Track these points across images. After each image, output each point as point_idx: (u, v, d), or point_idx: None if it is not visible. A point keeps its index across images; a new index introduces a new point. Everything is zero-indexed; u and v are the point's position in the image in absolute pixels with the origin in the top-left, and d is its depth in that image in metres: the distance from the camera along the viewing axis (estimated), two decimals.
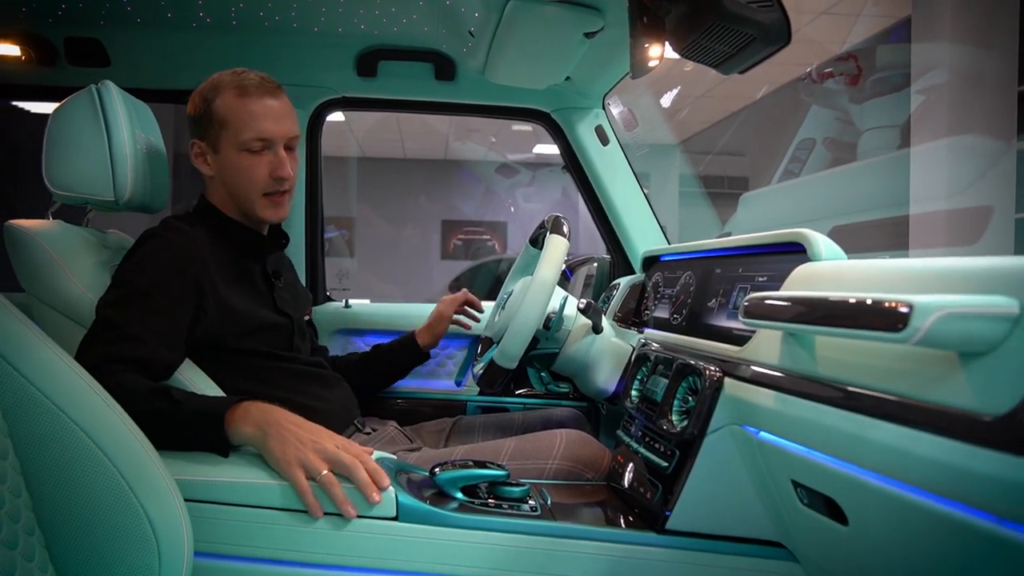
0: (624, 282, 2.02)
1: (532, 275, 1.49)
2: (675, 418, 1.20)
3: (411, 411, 2.08)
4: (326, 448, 1.11)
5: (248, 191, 1.48)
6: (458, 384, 2.25)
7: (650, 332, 1.64)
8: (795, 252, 1.15)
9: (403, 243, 10.56)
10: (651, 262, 1.96)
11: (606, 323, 1.67)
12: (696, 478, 1.14)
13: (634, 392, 1.44)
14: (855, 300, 0.72)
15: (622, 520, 1.23)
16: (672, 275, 1.70)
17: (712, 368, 1.14)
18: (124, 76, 1.75)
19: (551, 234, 1.53)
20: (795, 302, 0.83)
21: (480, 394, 2.19)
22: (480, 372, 1.61)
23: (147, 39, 2.07)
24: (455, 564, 1.12)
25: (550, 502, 1.28)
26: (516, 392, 2.20)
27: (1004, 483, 0.61)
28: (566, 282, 2.65)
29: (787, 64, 5.47)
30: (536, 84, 2.06)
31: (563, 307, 1.63)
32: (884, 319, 0.66)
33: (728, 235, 1.51)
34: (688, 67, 6.12)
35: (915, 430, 0.70)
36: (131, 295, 1.29)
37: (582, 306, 1.62)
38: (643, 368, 1.44)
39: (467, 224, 10.86)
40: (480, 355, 1.81)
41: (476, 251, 10.63)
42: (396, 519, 1.12)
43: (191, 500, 1.01)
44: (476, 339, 2.23)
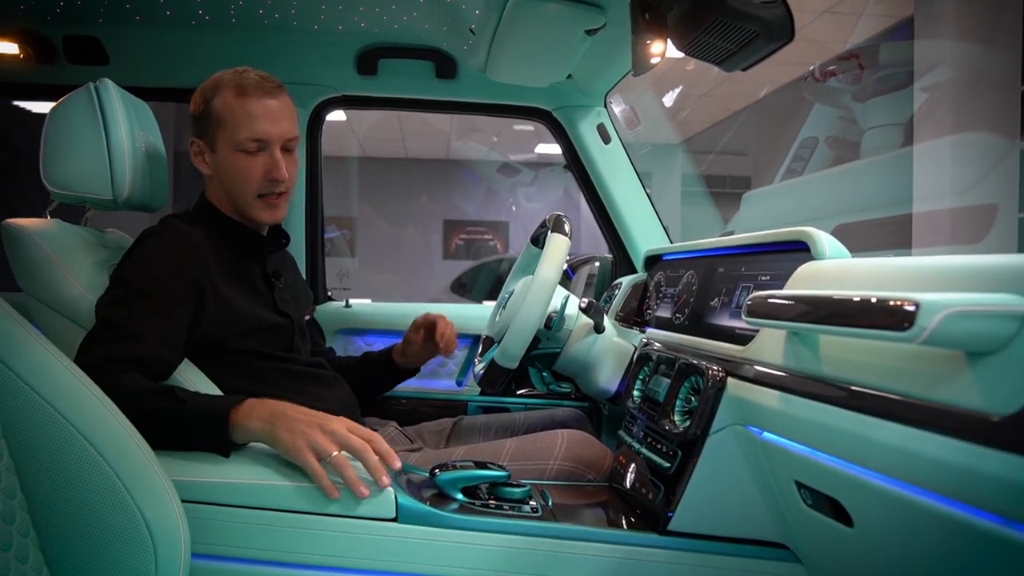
0: (626, 281, 2.02)
1: (533, 274, 1.48)
2: (677, 418, 1.20)
3: (412, 411, 2.07)
4: (336, 430, 1.10)
5: (243, 192, 1.47)
6: (459, 384, 2.24)
7: (652, 332, 1.63)
8: (798, 251, 1.14)
9: (405, 243, 10.56)
10: (653, 261, 1.96)
11: (608, 323, 1.66)
12: (699, 479, 1.13)
13: (636, 392, 1.43)
14: (859, 299, 0.71)
15: (624, 521, 1.22)
16: (674, 274, 1.70)
17: (715, 368, 1.13)
18: (123, 74, 1.74)
19: (552, 233, 1.52)
20: (799, 301, 0.82)
21: (481, 394, 2.18)
22: (481, 372, 1.60)
23: (146, 37, 2.07)
24: (455, 566, 1.11)
25: (551, 503, 1.27)
26: (517, 392, 2.19)
27: (1011, 484, 0.60)
28: (568, 281, 2.64)
29: (789, 63, 5.46)
30: (537, 82, 2.05)
31: (564, 306, 1.62)
32: (890, 318, 0.65)
33: (731, 234, 1.50)
34: (690, 66, 6.12)
35: (921, 430, 0.69)
36: (130, 295, 1.28)
37: (584, 305, 1.61)
38: (645, 368, 1.44)
39: (469, 224, 10.86)
40: (481, 355, 1.80)
41: (478, 251, 10.62)
42: (396, 520, 1.11)
43: (188, 501, 1.00)
44: (477, 339, 2.23)
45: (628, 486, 1.31)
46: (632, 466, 1.33)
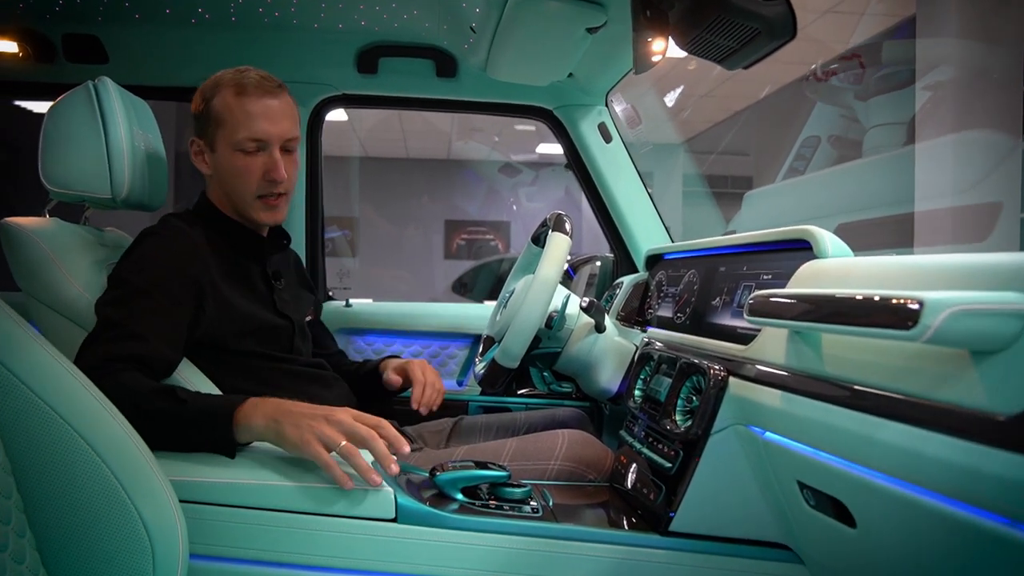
0: (627, 281, 2.01)
1: (534, 273, 1.48)
2: (679, 418, 1.19)
3: (412, 411, 2.07)
4: (342, 420, 1.10)
5: (242, 192, 1.46)
6: (460, 384, 2.24)
7: (653, 331, 1.63)
8: (800, 249, 1.14)
9: (406, 243, 10.56)
10: (654, 260, 1.95)
11: (609, 322, 1.65)
12: (700, 479, 1.12)
13: (637, 392, 1.43)
14: (862, 297, 0.70)
15: (625, 522, 1.22)
16: (676, 274, 1.69)
17: (716, 367, 1.12)
18: (123, 73, 1.74)
19: (553, 232, 1.51)
20: (801, 300, 0.82)
21: (482, 394, 2.17)
22: (482, 372, 1.59)
23: (146, 36, 2.07)
24: (455, 566, 1.11)
25: (552, 503, 1.26)
26: (518, 392, 2.19)
27: (1016, 484, 0.60)
28: (569, 281, 2.63)
29: (790, 63, 5.46)
30: (538, 81, 2.05)
31: (565, 306, 1.61)
32: (893, 316, 0.65)
33: (733, 233, 1.50)
34: (691, 66, 6.11)
35: (925, 430, 0.69)
36: (130, 294, 1.28)
37: (585, 305, 1.60)
38: (646, 367, 1.43)
39: (470, 224, 10.86)
40: (482, 354, 1.80)
41: (479, 251, 10.62)
42: (395, 520, 1.11)
43: (186, 501, 1.00)
44: (478, 338, 2.22)
45: (629, 486, 1.31)
46: (633, 466, 1.32)
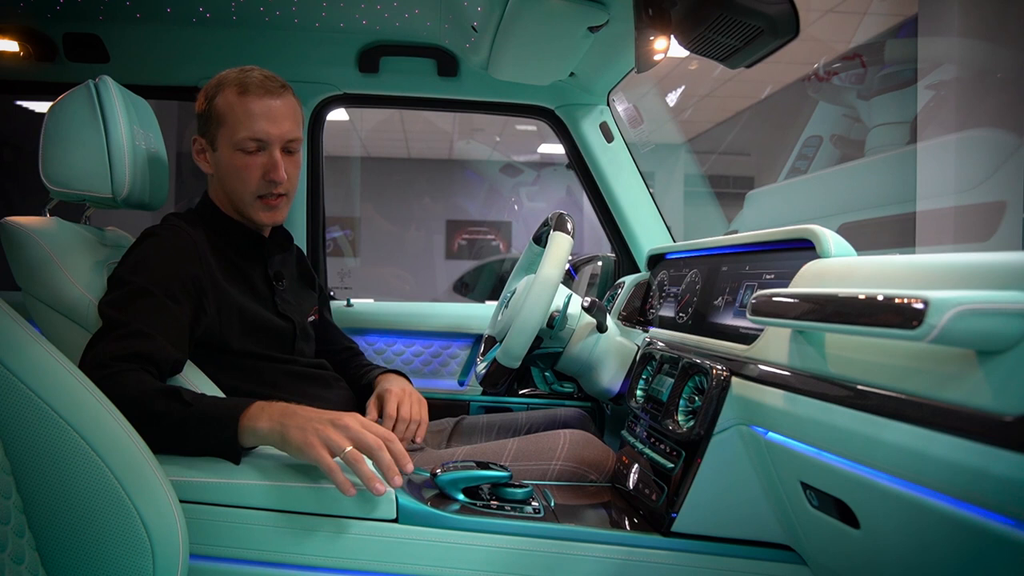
0: (629, 281, 2.01)
1: (536, 273, 1.47)
2: (681, 418, 1.19)
3: None
4: (349, 425, 1.08)
5: (241, 192, 1.46)
6: (461, 384, 2.23)
7: (655, 331, 1.62)
8: (803, 249, 1.13)
9: (407, 243, 10.56)
10: (656, 260, 1.95)
11: (611, 322, 1.65)
12: (702, 480, 1.12)
13: (639, 392, 1.42)
14: (866, 297, 0.70)
15: (627, 522, 1.21)
16: (678, 273, 1.68)
17: (719, 367, 1.12)
18: (123, 72, 1.74)
19: (555, 231, 1.51)
20: (804, 299, 0.81)
21: (483, 394, 2.17)
22: (483, 372, 1.59)
23: (147, 35, 2.06)
24: (456, 567, 1.10)
25: (553, 504, 1.26)
26: (519, 392, 2.19)
27: (1022, 485, 0.59)
28: (571, 281, 2.63)
29: (792, 63, 5.45)
30: (540, 80, 2.04)
31: (567, 305, 1.61)
32: (898, 316, 0.64)
33: (735, 233, 1.49)
34: (693, 66, 6.10)
35: (930, 430, 0.68)
36: (132, 294, 1.27)
37: (586, 304, 1.60)
38: (648, 367, 1.43)
39: (471, 224, 10.85)
40: (483, 354, 1.79)
41: (480, 251, 10.62)
42: (396, 521, 1.10)
43: (187, 501, 1.00)
44: (479, 338, 2.22)
45: (631, 487, 1.30)
46: (635, 466, 1.32)
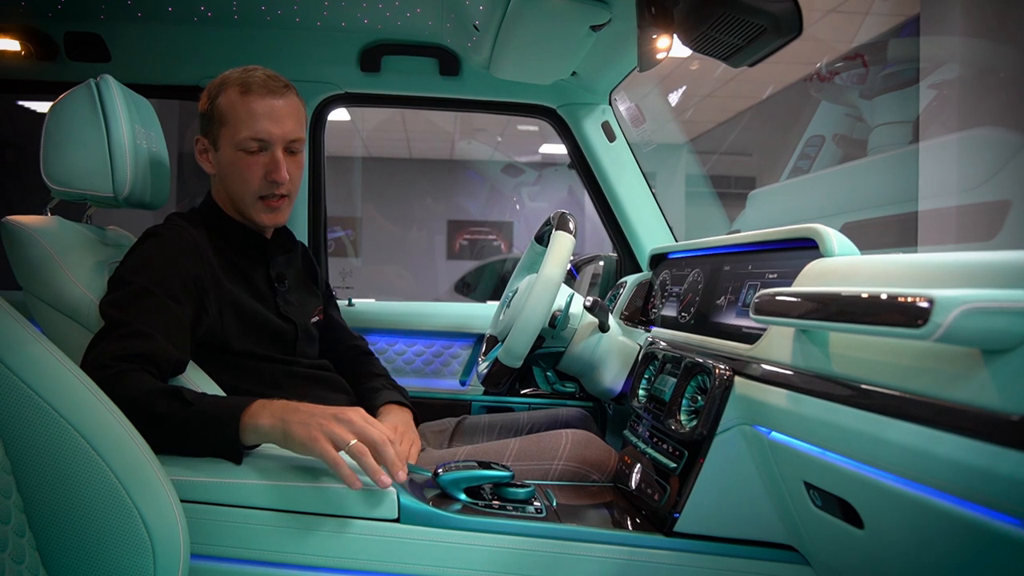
0: (631, 280, 2.00)
1: (537, 272, 1.47)
2: (684, 418, 1.18)
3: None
4: (353, 419, 1.08)
5: (243, 192, 1.45)
6: (463, 384, 2.23)
7: (657, 331, 1.62)
8: (806, 248, 1.13)
9: (409, 243, 10.57)
10: (658, 260, 1.94)
11: (613, 321, 1.64)
12: (705, 479, 1.11)
13: (641, 391, 1.42)
14: (870, 295, 0.69)
15: (629, 522, 1.21)
16: (680, 273, 1.68)
17: (722, 367, 1.11)
18: (125, 71, 1.73)
19: (557, 231, 1.50)
20: (808, 298, 0.81)
21: (485, 394, 2.17)
22: (485, 371, 1.58)
23: (148, 34, 2.06)
24: (458, 567, 1.10)
25: (555, 504, 1.26)
26: (521, 392, 2.18)
27: None
28: (572, 281, 2.63)
29: (792, 63, 5.44)
30: (542, 79, 2.04)
31: (569, 305, 1.60)
32: (903, 315, 0.64)
33: (737, 232, 1.49)
34: (694, 66, 6.10)
35: (936, 430, 0.68)
36: (133, 294, 1.27)
37: (588, 304, 1.60)
38: (651, 367, 1.42)
39: (473, 224, 10.86)
40: (485, 354, 1.79)
41: (482, 251, 10.62)
42: (398, 521, 1.10)
43: (188, 501, 1.00)
44: (481, 338, 2.21)
45: (633, 487, 1.30)
46: (637, 466, 1.32)
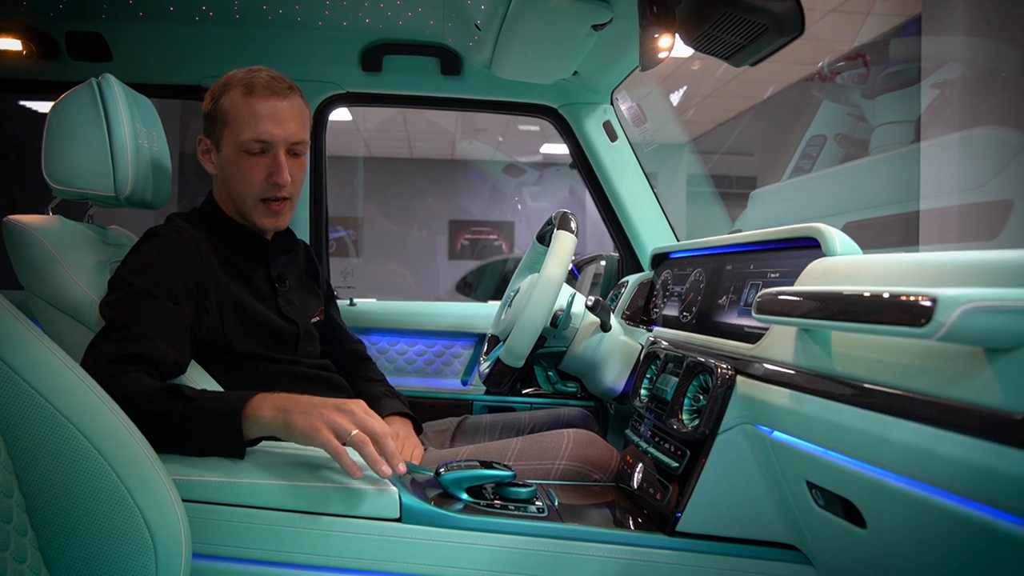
0: (633, 280, 2.00)
1: (539, 272, 1.47)
2: (686, 417, 1.18)
3: (416, 410, 2.07)
4: (354, 410, 1.08)
5: (244, 194, 1.45)
6: (464, 383, 2.23)
7: (659, 330, 1.62)
8: (808, 247, 1.13)
9: (410, 243, 10.56)
10: (660, 259, 1.94)
11: (614, 321, 1.64)
12: (707, 479, 1.11)
13: (643, 391, 1.42)
14: (873, 294, 0.69)
15: (631, 522, 1.21)
16: (682, 272, 1.68)
17: (724, 366, 1.11)
18: (126, 71, 1.73)
19: (558, 230, 1.50)
20: (810, 297, 0.81)
21: (486, 393, 2.17)
22: (486, 371, 1.58)
23: (149, 33, 2.06)
24: (460, 567, 1.10)
25: (557, 503, 1.25)
26: (523, 391, 2.18)
27: None
28: (574, 281, 2.62)
29: (794, 63, 5.44)
30: (543, 79, 2.04)
31: (571, 304, 1.60)
32: (906, 314, 0.64)
33: (739, 232, 1.49)
34: (696, 65, 6.10)
35: (939, 429, 0.68)
36: (133, 296, 1.27)
37: (590, 303, 1.59)
38: (652, 366, 1.42)
39: (474, 224, 10.86)
40: (486, 354, 1.79)
41: (483, 251, 10.62)
42: (399, 520, 1.10)
43: (189, 500, 0.99)
44: (482, 338, 2.21)
45: (635, 486, 1.30)
46: (639, 466, 1.31)
